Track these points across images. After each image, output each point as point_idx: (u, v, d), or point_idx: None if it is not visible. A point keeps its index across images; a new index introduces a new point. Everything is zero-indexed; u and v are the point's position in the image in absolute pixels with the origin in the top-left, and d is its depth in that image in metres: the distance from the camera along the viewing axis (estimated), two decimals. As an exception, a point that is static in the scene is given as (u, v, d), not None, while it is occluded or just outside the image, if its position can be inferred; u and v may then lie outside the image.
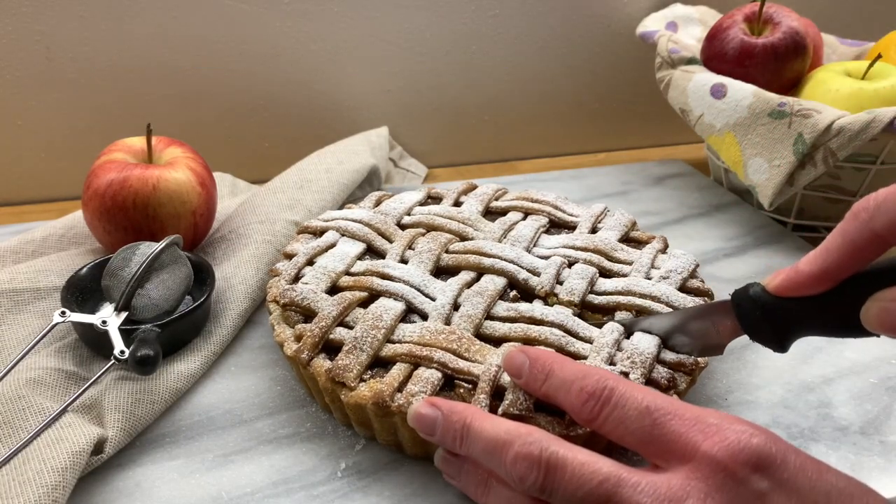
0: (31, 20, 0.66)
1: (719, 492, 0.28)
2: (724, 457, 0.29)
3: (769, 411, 0.46)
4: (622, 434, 0.32)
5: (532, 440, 0.32)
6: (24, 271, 0.52)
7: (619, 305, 0.45)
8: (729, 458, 0.29)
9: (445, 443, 0.36)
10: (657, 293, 0.45)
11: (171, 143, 0.56)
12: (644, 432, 0.31)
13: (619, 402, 0.32)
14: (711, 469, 0.29)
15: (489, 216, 0.55)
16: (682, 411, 0.31)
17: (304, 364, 0.41)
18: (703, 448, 0.29)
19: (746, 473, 0.28)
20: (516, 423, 0.34)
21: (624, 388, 0.33)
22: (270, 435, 0.43)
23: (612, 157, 0.89)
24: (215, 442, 0.42)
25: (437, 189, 0.58)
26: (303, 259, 0.48)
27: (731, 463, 0.28)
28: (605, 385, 0.33)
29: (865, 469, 0.42)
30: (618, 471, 0.30)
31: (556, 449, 0.31)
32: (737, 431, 0.29)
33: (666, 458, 0.30)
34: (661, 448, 0.30)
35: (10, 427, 0.40)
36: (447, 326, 0.42)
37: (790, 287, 0.34)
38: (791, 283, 0.34)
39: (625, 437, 0.32)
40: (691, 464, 0.29)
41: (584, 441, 0.38)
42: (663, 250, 0.52)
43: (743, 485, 0.28)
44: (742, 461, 0.28)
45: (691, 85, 0.68)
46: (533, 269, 0.48)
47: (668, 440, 0.30)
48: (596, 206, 0.56)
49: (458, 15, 0.77)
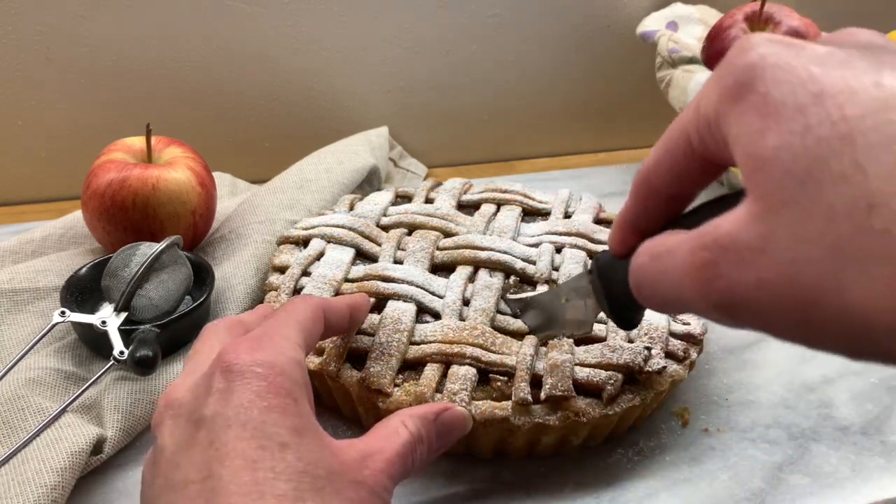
0: (31, 20, 0.66)
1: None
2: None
3: (770, 411, 0.46)
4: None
5: None
6: (23, 271, 0.52)
7: None
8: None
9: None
10: None
11: (171, 143, 0.56)
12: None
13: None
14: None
15: (462, 210, 0.55)
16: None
17: (333, 376, 0.41)
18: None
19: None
20: None
21: None
22: (270, 435, 0.42)
23: (612, 157, 0.89)
24: (215, 442, 0.42)
25: (405, 188, 0.58)
26: (298, 270, 0.48)
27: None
28: None
29: (866, 469, 0.42)
30: None
31: None
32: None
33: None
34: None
35: (10, 427, 0.40)
36: (467, 322, 0.43)
37: (611, 243, 0.30)
38: (611, 238, 0.30)
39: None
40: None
41: (621, 418, 0.39)
42: None
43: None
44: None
45: (692, 84, 0.68)
46: (526, 257, 0.48)
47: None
48: (563, 192, 0.57)
49: (459, 15, 0.77)
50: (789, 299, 0.20)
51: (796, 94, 0.20)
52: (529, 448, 0.41)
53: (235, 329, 0.35)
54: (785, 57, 0.21)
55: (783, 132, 0.20)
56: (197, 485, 0.26)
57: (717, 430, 0.44)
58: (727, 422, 0.45)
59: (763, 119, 0.20)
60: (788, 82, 0.20)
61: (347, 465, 0.29)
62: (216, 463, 0.26)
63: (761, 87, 0.20)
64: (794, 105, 0.20)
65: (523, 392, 0.38)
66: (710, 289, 0.21)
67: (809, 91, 0.20)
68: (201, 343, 0.34)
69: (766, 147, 0.20)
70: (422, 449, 0.33)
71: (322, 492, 0.27)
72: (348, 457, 0.29)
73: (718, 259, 0.21)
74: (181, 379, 0.31)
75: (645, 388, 0.40)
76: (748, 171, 0.21)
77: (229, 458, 0.26)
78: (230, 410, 0.28)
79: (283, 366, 0.30)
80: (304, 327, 0.33)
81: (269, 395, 0.28)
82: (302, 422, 0.29)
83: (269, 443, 0.27)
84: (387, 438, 0.31)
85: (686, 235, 0.23)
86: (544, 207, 0.56)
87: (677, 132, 0.25)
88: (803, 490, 0.40)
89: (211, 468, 0.26)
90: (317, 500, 0.26)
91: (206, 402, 0.28)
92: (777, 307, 0.20)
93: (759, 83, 0.21)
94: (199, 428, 0.28)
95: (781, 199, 0.19)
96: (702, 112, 0.23)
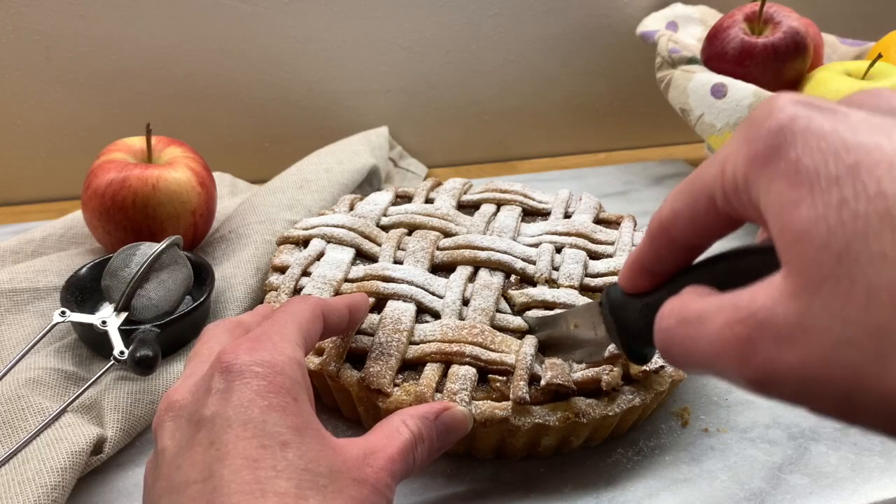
0: (31, 20, 0.66)
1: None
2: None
3: (769, 411, 0.46)
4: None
5: None
6: (23, 271, 0.52)
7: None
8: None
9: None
10: None
11: (171, 143, 0.56)
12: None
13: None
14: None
15: (462, 210, 0.56)
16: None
17: (333, 376, 0.41)
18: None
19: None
20: None
21: None
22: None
23: (612, 157, 0.89)
24: (215, 442, 0.42)
25: (405, 188, 0.58)
26: (298, 270, 0.48)
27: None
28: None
29: (866, 469, 0.42)
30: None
31: None
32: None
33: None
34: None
35: (10, 427, 0.40)
36: (466, 321, 0.43)
37: (621, 280, 0.30)
38: (622, 275, 0.30)
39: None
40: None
41: (621, 419, 0.39)
42: (636, 228, 0.54)
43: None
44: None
45: (692, 85, 0.68)
46: (526, 257, 0.48)
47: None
48: (563, 192, 0.57)
49: (458, 15, 0.77)
50: (829, 381, 0.19)
51: (829, 163, 0.19)
52: (529, 448, 0.41)
53: (235, 330, 0.35)
54: (817, 121, 0.20)
55: (818, 205, 0.19)
56: (198, 485, 0.26)
57: (717, 430, 0.44)
58: (727, 422, 0.45)
59: (795, 189, 0.19)
60: (821, 150, 0.19)
61: (349, 463, 0.29)
62: (217, 463, 0.26)
63: (792, 153, 0.20)
64: (827, 175, 0.19)
65: (521, 391, 0.38)
66: (747, 364, 0.20)
67: (844, 162, 0.19)
68: (201, 345, 0.34)
69: (801, 220, 0.19)
70: (422, 448, 0.33)
71: (324, 490, 0.27)
72: (350, 455, 0.29)
73: (755, 335, 0.20)
74: (181, 381, 0.31)
75: (645, 388, 0.40)
76: (783, 244, 0.20)
77: (230, 457, 0.26)
78: (230, 410, 0.28)
79: (282, 365, 0.30)
80: (303, 327, 0.33)
81: (269, 394, 0.28)
82: (303, 420, 0.29)
83: (270, 441, 0.27)
84: (388, 437, 0.31)
85: (717, 302, 0.22)
86: (544, 207, 0.56)
87: (699, 188, 0.24)
88: (803, 490, 0.40)
89: (212, 468, 0.26)
90: (319, 497, 0.26)
91: (206, 402, 0.28)
92: (816, 388, 0.19)
93: (790, 149, 0.20)
94: (199, 428, 0.28)
95: (819, 276, 0.19)
96: (728, 174, 0.22)
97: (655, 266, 0.28)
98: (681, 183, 0.25)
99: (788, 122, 0.20)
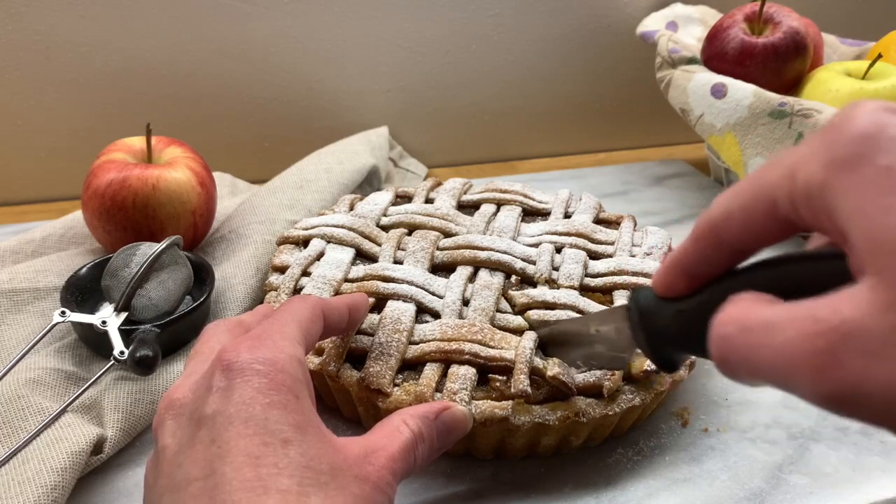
0: (31, 20, 0.66)
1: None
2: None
3: (770, 411, 0.46)
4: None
5: None
6: (23, 271, 0.52)
7: (615, 285, 0.47)
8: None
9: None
10: (647, 269, 0.47)
11: (171, 143, 0.56)
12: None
13: None
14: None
15: (462, 210, 0.55)
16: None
17: (333, 376, 0.41)
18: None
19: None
20: None
21: None
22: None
23: (612, 157, 0.89)
24: (215, 442, 0.42)
25: (405, 188, 0.58)
26: (298, 270, 0.47)
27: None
28: None
29: (866, 469, 0.42)
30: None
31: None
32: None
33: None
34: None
35: (10, 427, 0.40)
36: (466, 320, 0.43)
37: (656, 282, 0.29)
38: (657, 276, 0.29)
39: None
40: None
41: (621, 419, 0.39)
42: (635, 228, 0.54)
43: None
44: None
45: (692, 84, 0.68)
46: (526, 257, 0.48)
47: None
48: (563, 192, 0.57)
49: (458, 15, 0.77)
50: None
51: None
52: (529, 448, 0.41)
53: (235, 330, 0.35)
54: None
55: None
56: (200, 482, 0.26)
57: (717, 430, 0.44)
58: (727, 422, 0.45)
59: (886, 196, 0.19)
60: None
61: (350, 461, 0.29)
62: (218, 460, 0.26)
63: (882, 159, 0.19)
64: None
65: (522, 384, 0.38)
66: (824, 378, 0.19)
67: None
68: (201, 344, 0.34)
69: (893, 227, 0.18)
70: (423, 447, 0.33)
71: (326, 487, 0.27)
72: (351, 453, 0.29)
73: (838, 349, 0.19)
74: (182, 380, 0.31)
75: (645, 388, 0.40)
76: (869, 253, 0.19)
77: (231, 454, 0.26)
78: (231, 408, 0.28)
79: (283, 363, 0.30)
80: (303, 326, 0.33)
81: (270, 391, 0.28)
82: (304, 418, 0.29)
83: (271, 439, 0.27)
84: (389, 436, 0.31)
85: (787, 311, 0.21)
86: (544, 207, 0.56)
87: (759, 191, 0.23)
88: (803, 490, 0.40)
89: (213, 466, 0.26)
90: (321, 495, 0.26)
91: (207, 400, 0.28)
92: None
93: (880, 155, 0.19)
94: (200, 426, 0.28)
95: None
96: (800, 180, 0.21)
97: (697, 268, 0.27)
98: (736, 184, 0.24)
99: (875, 128, 0.20)
